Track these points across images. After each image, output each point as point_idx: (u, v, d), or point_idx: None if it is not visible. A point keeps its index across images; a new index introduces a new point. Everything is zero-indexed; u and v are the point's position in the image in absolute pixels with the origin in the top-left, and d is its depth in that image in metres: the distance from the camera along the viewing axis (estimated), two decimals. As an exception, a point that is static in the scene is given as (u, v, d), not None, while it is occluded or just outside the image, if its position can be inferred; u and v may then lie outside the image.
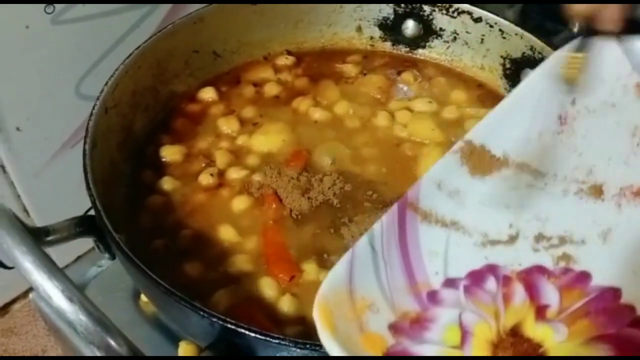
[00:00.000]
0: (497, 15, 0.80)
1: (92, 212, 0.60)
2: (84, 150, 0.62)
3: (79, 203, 0.72)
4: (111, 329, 0.42)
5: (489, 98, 0.82)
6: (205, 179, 0.71)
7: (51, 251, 0.83)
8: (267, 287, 0.62)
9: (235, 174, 0.72)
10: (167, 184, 0.71)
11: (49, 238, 0.55)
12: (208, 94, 0.80)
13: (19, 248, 0.43)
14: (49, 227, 0.56)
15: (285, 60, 0.85)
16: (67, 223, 0.58)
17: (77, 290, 0.43)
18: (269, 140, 0.75)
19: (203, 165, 0.73)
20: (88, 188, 0.60)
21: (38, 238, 0.54)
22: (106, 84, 0.69)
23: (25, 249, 0.43)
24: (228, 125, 0.77)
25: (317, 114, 0.78)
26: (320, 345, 0.50)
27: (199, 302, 0.59)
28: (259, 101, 0.80)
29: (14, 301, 1.01)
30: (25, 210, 0.95)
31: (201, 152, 0.75)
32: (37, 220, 0.96)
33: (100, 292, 0.77)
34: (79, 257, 0.84)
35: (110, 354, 0.43)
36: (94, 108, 0.66)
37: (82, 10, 0.84)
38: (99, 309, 0.43)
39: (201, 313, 0.51)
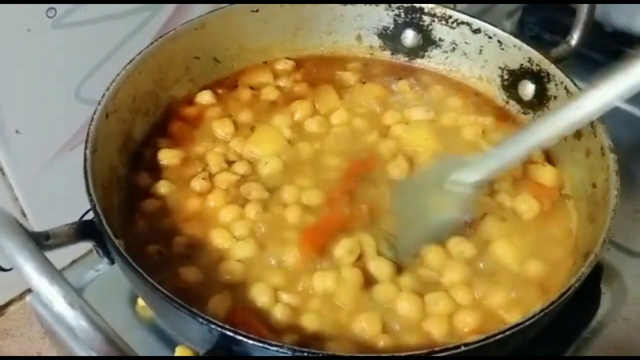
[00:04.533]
0: (495, 26, 0.81)
1: (88, 216, 0.60)
2: (85, 155, 0.62)
3: (77, 206, 0.73)
4: (111, 335, 0.42)
5: (485, 105, 0.82)
6: (198, 183, 0.71)
7: (47, 254, 0.83)
8: (262, 294, 0.62)
9: (227, 179, 0.72)
10: (163, 187, 0.71)
11: (48, 242, 0.55)
12: (205, 97, 0.80)
13: (21, 253, 0.43)
14: (49, 231, 0.56)
15: (284, 65, 0.85)
16: (66, 227, 0.58)
17: (78, 296, 0.43)
18: (263, 146, 0.75)
19: (199, 170, 0.73)
20: (88, 193, 0.60)
21: (37, 242, 0.54)
22: (107, 89, 0.69)
23: (27, 254, 0.43)
24: (222, 129, 0.77)
25: (314, 124, 0.78)
26: (318, 353, 0.51)
27: (195, 308, 0.59)
28: (256, 105, 0.80)
29: (9, 303, 1.01)
30: (23, 213, 0.95)
31: (198, 157, 0.75)
32: (35, 223, 0.96)
33: (97, 296, 0.77)
34: (74, 261, 0.84)
35: (110, 360, 0.43)
36: (95, 113, 0.67)
37: (83, 14, 0.84)
38: (100, 315, 0.43)
39: (200, 320, 0.52)
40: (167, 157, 0.74)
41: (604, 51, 0.99)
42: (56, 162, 0.94)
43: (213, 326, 0.51)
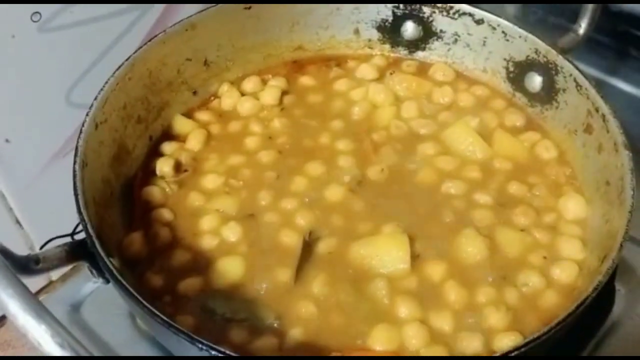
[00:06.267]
0: (499, 15, 0.77)
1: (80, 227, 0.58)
2: (74, 171, 0.60)
3: (73, 213, 0.70)
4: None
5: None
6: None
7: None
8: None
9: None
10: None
11: (39, 267, 0.53)
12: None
13: (5, 290, 0.41)
14: (39, 254, 0.54)
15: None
16: (57, 250, 0.56)
17: (67, 334, 0.40)
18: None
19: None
20: (79, 212, 0.57)
21: (27, 267, 0.52)
22: (95, 98, 0.66)
23: (12, 292, 0.41)
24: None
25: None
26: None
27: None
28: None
29: (9, 314, 0.99)
30: (18, 222, 0.92)
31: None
32: (31, 232, 0.94)
33: (96, 309, 0.75)
34: (74, 267, 0.82)
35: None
36: (83, 125, 0.64)
37: (69, 17, 0.81)
38: (91, 354, 0.41)
39: (200, 345, 0.49)
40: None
41: (611, 33, 0.96)
42: (50, 169, 0.91)
43: (214, 352, 0.49)
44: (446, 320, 0.59)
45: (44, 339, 0.40)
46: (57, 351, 0.40)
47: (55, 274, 0.92)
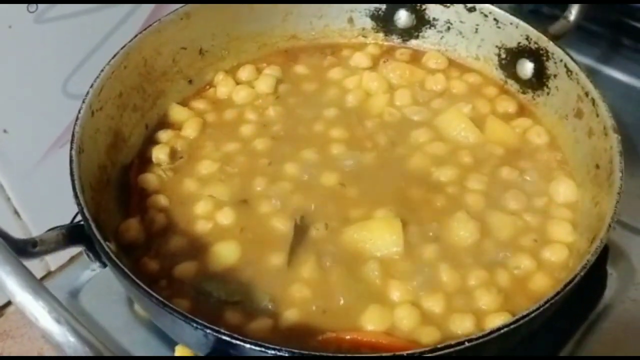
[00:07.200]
0: (492, 2, 0.78)
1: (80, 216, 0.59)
2: (71, 157, 0.61)
3: (71, 204, 0.71)
4: (101, 350, 0.41)
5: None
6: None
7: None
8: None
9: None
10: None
11: (36, 250, 0.54)
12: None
13: (2, 267, 0.42)
14: (36, 238, 0.55)
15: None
16: (54, 233, 0.56)
17: (64, 310, 0.41)
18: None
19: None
20: (76, 196, 0.58)
21: (24, 250, 0.53)
22: (91, 86, 0.67)
23: (9, 269, 0.42)
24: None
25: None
26: (318, 356, 0.50)
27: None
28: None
29: (8, 304, 1.00)
30: (17, 213, 0.93)
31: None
32: (29, 222, 0.94)
33: (94, 296, 0.76)
34: (72, 258, 0.83)
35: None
36: (79, 112, 0.65)
37: (66, 8, 0.82)
38: (88, 329, 0.42)
39: (194, 325, 0.50)
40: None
41: (603, 22, 0.97)
42: (47, 159, 0.92)
43: (209, 331, 0.50)
44: (438, 302, 0.60)
45: (41, 314, 0.41)
46: (53, 326, 0.40)
47: (53, 265, 0.93)
